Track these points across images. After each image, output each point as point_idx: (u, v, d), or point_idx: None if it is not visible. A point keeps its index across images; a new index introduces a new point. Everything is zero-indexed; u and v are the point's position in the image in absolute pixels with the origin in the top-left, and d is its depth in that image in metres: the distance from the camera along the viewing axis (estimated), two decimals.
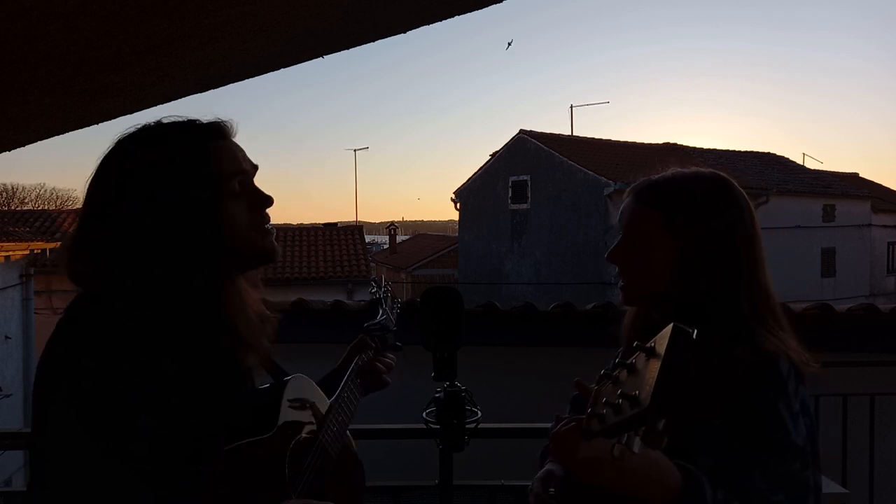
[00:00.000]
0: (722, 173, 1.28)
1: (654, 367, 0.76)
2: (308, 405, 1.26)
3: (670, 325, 0.77)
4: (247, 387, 1.20)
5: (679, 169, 1.29)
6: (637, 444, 0.78)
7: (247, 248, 1.14)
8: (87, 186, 1.11)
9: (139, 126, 1.15)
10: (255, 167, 1.19)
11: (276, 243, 1.19)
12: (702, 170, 1.29)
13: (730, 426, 1.06)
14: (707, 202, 1.23)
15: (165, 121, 1.16)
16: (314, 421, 1.26)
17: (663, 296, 1.23)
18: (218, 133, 1.16)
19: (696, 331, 0.77)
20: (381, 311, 1.61)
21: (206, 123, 1.16)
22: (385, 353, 1.54)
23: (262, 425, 1.13)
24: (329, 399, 1.33)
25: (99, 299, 1.04)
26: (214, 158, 1.12)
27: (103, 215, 1.09)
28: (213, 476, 1.02)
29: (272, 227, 1.19)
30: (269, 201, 1.17)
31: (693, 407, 1.07)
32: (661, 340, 0.77)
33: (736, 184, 1.27)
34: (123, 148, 1.13)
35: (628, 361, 0.82)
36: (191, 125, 1.15)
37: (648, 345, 0.79)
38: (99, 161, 1.12)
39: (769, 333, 1.15)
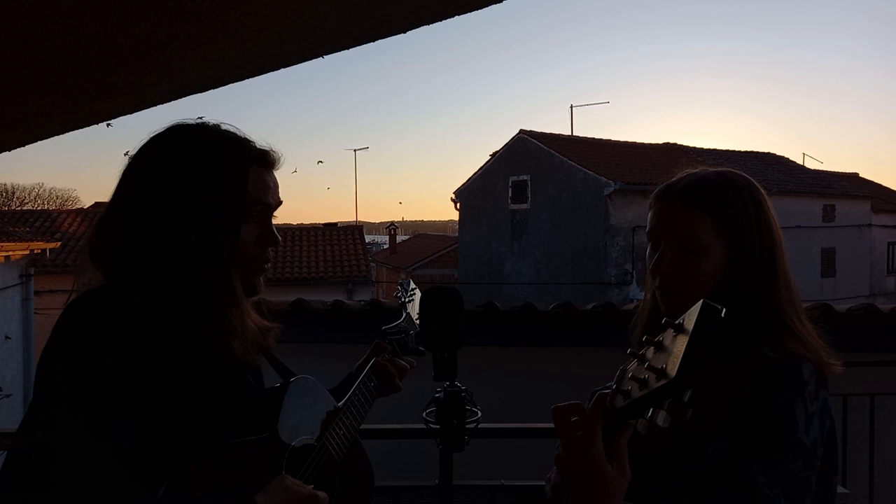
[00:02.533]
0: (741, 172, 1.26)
1: (682, 341, 0.76)
2: (313, 406, 1.25)
3: (700, 302, 0.77)
4: (248, 387, 1.20)
5: (707, 168, 1.26)
6: (662, 418, 0.77)
7: (241, 275, 1.15)
8: (125, 167, 1.13)
9: (193, 122, 1.16)
10: (279, 203, 1.21)
11: (261, 282, 1.20)
12: (730, 169, 1.26)
13: (743, 419, 1.06)
14: (750, 203, 1.21)
15: (223, 127, 1.18)
16: (319, 422, 1.25)
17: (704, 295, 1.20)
18: (263, 160, 1.18)
19: (724, 309, 0.77)
20: (404, 315, 1.61)
21: (258, 149, 1.18)
22: (403, 356, 1.54)
23: (262, 425, 1.13)
24: (337, 401, 1.32)
25: (104, 299, 1.04)
26: (251, 182, 1.14)
27: (134, 205, 1.10)
28: (209, 472, 1.02)
29: (268, 267, 1.21)
30: (276, 241, 1.19)
31: (711, 398, 1.07)
32: (690, 317, 0.77)
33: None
34: (171, 140, 1.14)
35: (656, 339, 0.82)
36: (244, 143, 1.17)
37: (677, 321, 0.79)
38: (143, 146, 1.14)
39: (796, 333, 1.14)
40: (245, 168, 1.14)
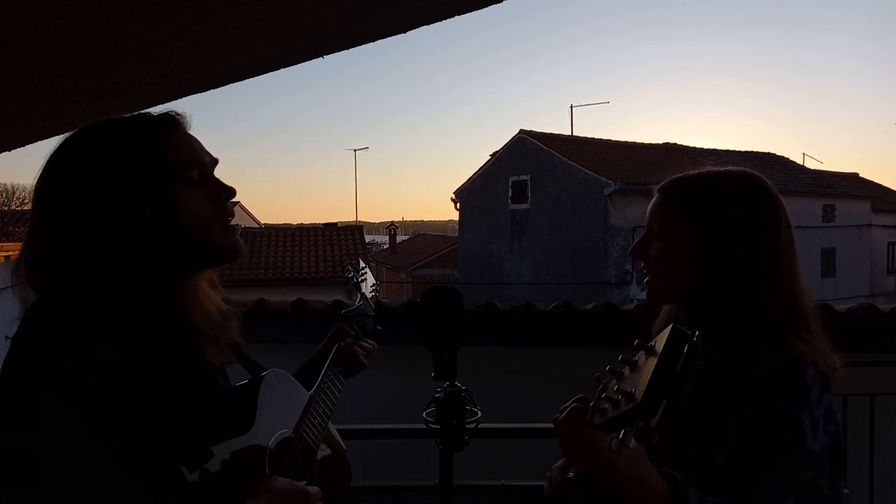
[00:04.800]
0: (754, 172, 1.25)
1: (651, 364, 0.77)
2: (286, 399, 1.23)
3: (670, 326, 0.79)
4: (218, 385, 1.17)
5: (711, 167, 1.27)
6: (632, 442, 0.80)
7: (209, 241, 1.10)
8: (34, 188, 1.07)
9: (87, 125, 1.12)
10: (215, 160, 1.16)
11: (240, 240, 1.15)
12: (731, 168, 1.26)
13: (747, 428, 1.04)
14: (726, 197, 1.20)
15: (114, 117, 1.13)
16: (294, 415, 1.23)
17: (689, 293, 1.21)
18: (171, 124, 1.12)
19: (696, 333, 0.78)
20: (358, 297, 1.58)
21: (159, 115, 1.12)
22: (365, 338, 1.51)
23: (240, 424, 1.10)
24: (308, 391, 1.29)
25: (59, 308, 1.00)
26: (171, 148, 1.09)
27: (55, 218, 1.05)
28: (194, 478, 1.00)
29: (237, 224, 1.15)
30: (230, 192, 1.13)
31: (708, 406, 1.07)
32: (661, 340, 0.79)
33: (768, 182, 1.24)
34: (72, 146, 1.09)
35: (632, 359, 0.84)
36: (142, 117, 1.12)
37: (650, 343, 0.81)
38: (47, 160, 1.08)
39: (797, 337, 1.12)
40: (157, 137, 1.08)
